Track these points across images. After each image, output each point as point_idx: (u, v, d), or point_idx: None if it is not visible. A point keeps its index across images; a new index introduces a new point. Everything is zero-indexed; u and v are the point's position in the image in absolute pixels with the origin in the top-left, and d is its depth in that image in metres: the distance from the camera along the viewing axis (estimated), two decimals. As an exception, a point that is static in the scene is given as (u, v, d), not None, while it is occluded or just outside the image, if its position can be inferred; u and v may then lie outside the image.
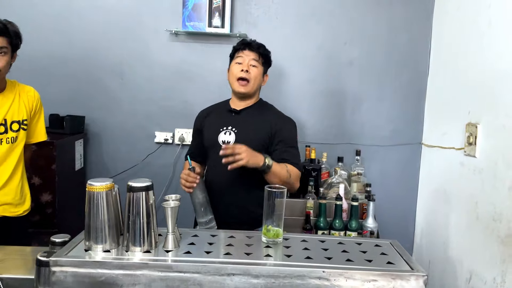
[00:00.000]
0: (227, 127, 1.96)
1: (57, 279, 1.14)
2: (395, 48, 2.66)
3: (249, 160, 1.69)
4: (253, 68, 1.95)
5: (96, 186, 1.20)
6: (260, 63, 1.98)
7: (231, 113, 2.01)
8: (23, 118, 2.03)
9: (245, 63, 1.94)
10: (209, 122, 2.05)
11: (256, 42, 2.01)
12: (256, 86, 1.99)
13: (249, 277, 1.14)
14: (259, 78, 1.99)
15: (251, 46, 1.97)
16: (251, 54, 1.96)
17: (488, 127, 1.96)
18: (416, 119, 2.70)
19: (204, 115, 2.10)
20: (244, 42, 2.00)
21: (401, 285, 1.14)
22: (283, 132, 1.94)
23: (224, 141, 1.93)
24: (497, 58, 1.90)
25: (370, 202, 2.27)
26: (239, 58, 1.97)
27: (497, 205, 1.84)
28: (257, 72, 1.97)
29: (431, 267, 2.46)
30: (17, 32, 1.94)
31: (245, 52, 1.96)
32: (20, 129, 2.02)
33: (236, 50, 2.01)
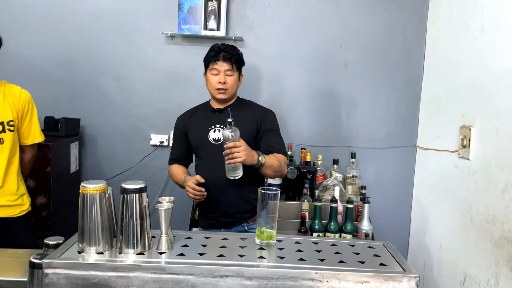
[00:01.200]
0: (215, 125, 2.02)
1: (50, 281, 1.13)
2: (390, 51, 2.67)
3: (246, 158, 1.78)
4: (229, 78, 2.01)
5: (89, 188, 1.20)
6: (234, 70, 2.03)
7: (215, 113, 2.07)
8: (9, 119, 1.98)
9: (221, 74, 2.00)
10: (195, 123, 2.09)
11: (228, 50, 2.02)
12: (235, 90, 2.07)
13: (242, 279, 1.14)
14: (236, 84, 2.06)
15: (224, 56, 2.00)
16: (225, 64, 2.00)
17: (481, 130, 1.97)
18: (411, 122, 2.71)
19: (187, 117, 2.13)
20: (216, 53, 2.01)
21: (393, 286, 1.14)
22: (266, 122, 2.04)
23: (215, 138, 2.00)
24: (490, 61, 1.92)
25: (365, 204, 2.27)
26: (214, 69, 2.01)
27: (491, 207, 1.85)
28: (233, 79, 2.03)
29: (426, 269, 2.46)
30: None
31: (218, 63, 2.00)
32: (6, 130, 1.98)
33: (210, 61, 2.03)
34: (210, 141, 2.01)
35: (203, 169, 2.01)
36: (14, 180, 2.04)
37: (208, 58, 2.05)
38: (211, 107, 2.10)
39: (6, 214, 2.01)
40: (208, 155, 2.02)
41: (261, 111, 2.10)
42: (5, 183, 2.00)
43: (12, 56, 2.57)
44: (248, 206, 1.99)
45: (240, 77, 2.11)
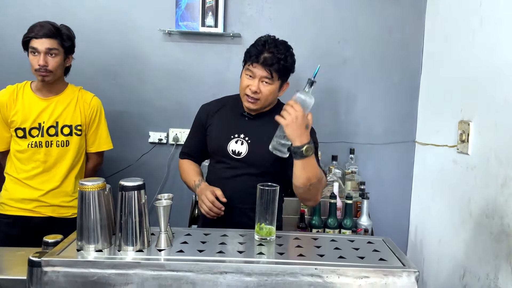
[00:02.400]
0: (239, 135, 1.72)
1: (49, 279, 1.13)
2: (388, 47, 2.67)
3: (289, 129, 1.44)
4: (265, 86, 1.64)
5: (88, 185, 1.19)
6: (275, 79, 1.65)
7: (244, 118, 1.75)
8: (77, 123, 2.09)
9: (255, 81, 1.64)
10: (218, 122, 1.78)
11: (273, 53, 1.62)
12: (269, 103, 1.71)
13: (241, 275, 1.14)
14: (272, 95, 1.68)
15: (264, 60, 1.61)
16: (262, 71, 1.62)
17: (480, 125, 1.97)
18: (410, 117, 2.71)
19: (212, 111, 1.81)
20: (257, 53, 1.63)
21: (393, 281, 1.14)
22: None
23: (234, 151, 1.70)
24: (489, 55, 1.91)
25: (364, 200, 2.28)
26: (249, 70, 1.65)
27: (490, 202, 1.85)
28: (270, 90, 1.65)
29: (425, 264, 2.47)
30: (70, 35, 2.04)
31: (256, 67, 1.63)
32: (73, 134, 2.08)
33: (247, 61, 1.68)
34: (229, 152, 1.70)
35: (212, 177, 1.77)
36: (72, 182, 2.12)
37: (247, 55, 1.67)
38: (242, 109, 1.74)
39: (59, 214, 2.09)
40: (223, 168, 1.72)
41: None
42: (62, 184, 2.09)
43: (10, 55, 2.56)
44: None
45: (284, 85, 1.73)
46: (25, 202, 2.05)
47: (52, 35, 1.96)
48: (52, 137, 2.04)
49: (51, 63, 1.96)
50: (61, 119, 2.05)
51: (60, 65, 2.01)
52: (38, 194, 2.04)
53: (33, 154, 2.03)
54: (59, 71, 2.02)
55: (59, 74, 2.03)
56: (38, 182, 2.05)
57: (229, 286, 1.14)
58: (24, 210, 2.05)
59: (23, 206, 2.05)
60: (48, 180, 2.05)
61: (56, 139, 2.05)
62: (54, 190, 2.06)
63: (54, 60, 1.97)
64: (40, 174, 2.05)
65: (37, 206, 2.05)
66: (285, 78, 1.72)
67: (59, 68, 2.01)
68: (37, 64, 1.94)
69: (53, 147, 2.04)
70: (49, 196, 2.05)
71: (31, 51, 1.96)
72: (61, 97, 2.08)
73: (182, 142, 2.67)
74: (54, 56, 1.97)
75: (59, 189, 2.07)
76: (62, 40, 1.99)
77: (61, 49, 1.99)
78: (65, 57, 2.03)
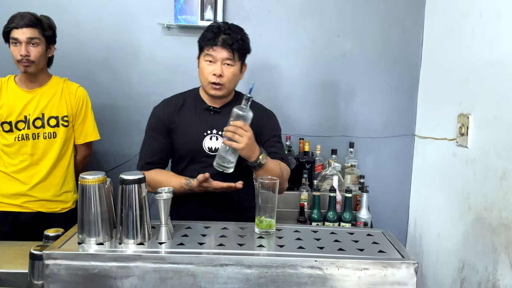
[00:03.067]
0: (211, 131, 1.67)
1: (51, 272, 1.14)
2: (388, 40, 2.66)
3: (246, 148, 1.47)
4: (227, 68, 1.62)
5: (88, 179, 1.20)
6: (236, 60, 1.63)
7: (210, 112, 1.70)
8: (63, 114, 2.08)
9: (217, 64, 1.60)
10: (183, 121, 1.69)
11: (230, 33, 1.61)
12: (233, 85, 1.68)
13: (242, 267, 1.15)
14: (235, 77, 1.66)
15: (223, 41, 1.59)
16: (223, 52, 1.60)
17: (479, 118, 1.97)
18: (409, 111, 2.71)
19: (172, 111, 1.71)
20: (214, 35, 1.60)
21: (392, 273, 1.15)
22: (269, 127, 1.73)
23: (211, 147, 1.66)
24: (489, 49, 1.91)
25: (364, 193, 2.28)
26: (208, 56, 1.61)
27: (489, 195, 1.85)
28: (233, 71, 1.63)
29: (424, 257, 2.48)
30: (50, 24, 2.04)
31: (216, 49, 1.60)
32: (60, 125, 2.07)
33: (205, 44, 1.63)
34: (205, 150, 1.65)
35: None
36: (60, 175, 2.11)
37: (203, 40, 1.64)
38: (205, 103, 1.71)
39: (47, 209, 2.09)
40: (200, 168, 1.63)
41: (262, 113, 1.73)
42: (49, 177, 2.07)
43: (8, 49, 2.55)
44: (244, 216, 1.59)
45: (243, 67, 1.71)
46: (13, 198, 2.04)
47: (33, 24, 1.95)
48: (38, 129, 2.04)
49: (33, 53, 1.96)
50: (47, 111, 2.05)
51: (42, 55, 2.00)
52: (26, 188, 2.03)
53: (20, 147, 2.03)
54: (42, 61, 2.01)
55: (41, 65, 2.02)
56: (25, 175, 2.04)
57: (229, 278, 1.15)
58: (12, 205, 2.04)
59: (12, 202, 2.04)
60: (35, 174, 2.05)
61: (43, 131, 2.04)
62: (41, 183, 2.05)
63: (36, 50, 1.97)
64: (27, 168, 2.04)
65: (25, 202, 2.04)
66: (244, 59, 1.70)
67: (41, 58, 2.00)
68: (19, 55, 1.94)
69: (40, 139, 2.04)
70: (37, 189, 2.05)
71: (12, 42, 1.96)
72: (46, 88, 2.07)
73: (181, 136, 2.68)
74: (35, 45, 1.97)
75: (47, 182, 2.06)
76: (43, 30, 1.99)
77: (42, 38, 1.99)
78: (47, 47, 2.03)
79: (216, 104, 1.71)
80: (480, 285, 1.88)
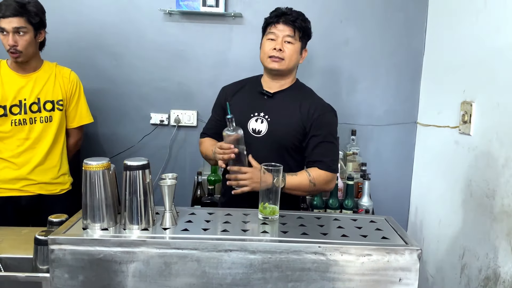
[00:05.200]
0: (259, 113, 1.73)
1: (56, 257, 1.15)
2: (391, 27, 2.64)
3: (254, 187, 1.57)
4: (288, 45, 1.70)
5: (92, 165, 1.20)
6: (297, 38, 1.71)
7: (263, 96, 1.77)
8: (58, 98, 2.10)
9: (279, 40, 1.69)
10: (237, 102, 1.79)
11: (293, 12, 1.72)
12: (293, 65, 1.74)
13: (246, 253, 1.15)
14: (295, 56, 1.73)
15: (286, 18, 1.69)
16: (285, 29, 1.69)
17: (482, 105, 1.96)
18: (412, 98, 2.70)
19: (231, 92, 1.84)
20: (278, 14, 1.72)
21: (396, 259, 1.16)
22: (321, 124, 1.71)
23: (255, 129, 1.72)
24: (492, 35, 1.90)
25: (366, 181, 2.29)
26: (271, 34, 1.71)
27: (491, 182, 1.86)
28: (293, 50, 1.71)
29: (425, 244, 2.49)
30: (37, 11, 1.99)
31: (278, 27, 1.70)
32: (55, 109, 2.09)
33: (268, 24, 1.75)
34: (249, 130, 1.72)
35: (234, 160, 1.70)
36: (56, 158, 2.13)
37: (266, 21, 1.75)
38: (261, 87, 1.79)
39: (47, 192, 2.11)
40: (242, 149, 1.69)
41: (319, 107, 1.74)
42: (46, 160, 2.09)
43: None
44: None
45: (303, 52, 1.78)
46: (12, 182, 2.05)
47: (18, 13, 1.92)
48: (35, 113, 2.04)
49: (21, 42, 1.94)
50: (42, 95, 2.05)
51: (30, 43, 1.98)
52: (24, 172, 2.05)
53: (16, 132, 2.03)
54: (31, 49, 1.99)
55: (31, 52, 2.01)
56: (23, 159, 2.05)
57: (233, 263, 1.16)
58: (12, 190, 2.06)
59: (11, 186, 2.05)
60: (32, 157, 2.06)
61: (40, 115, 2.05)
62: (39, 166, 2.07)
63: (23, 39, 1.95)
64: (24, 152, 2.05)
65: (25, 185, 2.06)
66: (305, 42, 1.78)
67: (30, 46, 1.98)
68: (7, 44, 1.94)
69: (37, 124, 2.05)
70: (35, 173, 2.06)
71: (0, 30, 1.95)
72: (40, 73, 2.07)
73: (183, 123, 2.68)
74: (23, 34, 1.94)
75: (44, 165, 2.08)
76: (30, 17, 1.95)
77: (29, 26, 1.96)
78: (35, 33, 2.00)
79: (272, 89, 1.78)
80: (481, 271, 1.89)
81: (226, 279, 1.16)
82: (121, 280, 1.16)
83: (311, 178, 1.66)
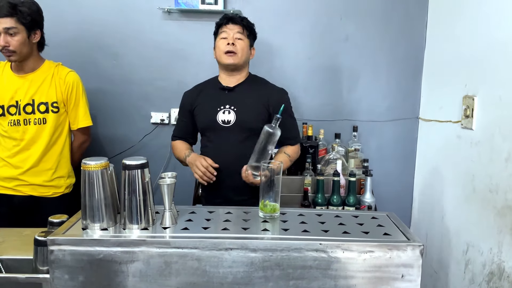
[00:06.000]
0: (225, 106, 1.93)
1: (56, 258, 1.14)
2: (391, 22, 2.62)
3: None
4: (238, 41, 1.94)
5: (91, 165, 1.19)
6: (245, 36, 1.97)
7: (224, 91, 1.98)
8: (53, 100, 2.06)
9: (230, 36, 1.93)
10: (201, 101, 2.00)
11: (239, 15, 2.01)
12: (244, 58, 1.98)
13: (246, 251, 1.15)
14: (246, 50, 1.97)
15: (234, 19, 1.96)
16: (235, 27, 1.95)
17: (484, 99, 1.95)
18: (413, 94, 2.68)
19: (193, 94, 2.04)
20: (227, 17, 1.98)
21: (398, 255, 1.14)
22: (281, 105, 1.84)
23: (224, 120, 1.92)
24: (494, 29, 1.88)
25: (368, 177, 2.27)
26: (223, 33, 1.95)
27: (494, 177, 1.84)
28: (244, 45, 1.96)
29: (428, 240, 2.48)
30: (29, 11, 1.97)
31: (228, 27, 1.95)
32: (49, 111, 2.06)
33: (220, 26, 1.99)
34: (219, 122, 1.92)
35: (210, 152, 1.93)
36: (52, 161, 2.10)
37: (217, 24, 2.00)
38: (220, 84, 2.00)
39: (39, 194, 2.10)
40: (216, 137, 1.94)
41: (275, 91, 2.01)
42: (40, 162, 2.07)
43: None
44: (253, 192, 1.82)
45: (252, 49, 2.04)
46: (6, 181, 2.07)
47: (9, 14, 1.91)
48: (29, 115, 2.03)
49: (12, 43, 1.94)
50: (37, 97, 2.04)
51: (23, 43, 1.96)
52: (17, 172, 2.05)
53: (12, 132, 2.04)
54: (24, 49, 1.98)
55: (25, 52, 1.99)
56: (17, 160, 2.06)
57: (234, 262, 1.15)
58: (6, 188, 2.07)
59: (5, 185, 2.07)
60: (27, 159, 2.05)
61: (34, 117, 2.04)
62: (33, 168, 2.06)
63: (15, 39, 1.94)
64: (19, 153, 2.05)
65: (17, 185, 2.07)
66: (252, 40, 2.03)
67: (22, 46, 1.97)
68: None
69: (31, 125, 2.04)
70: (28, 174, 2.06)
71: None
72: (37, 74, 2.06)
73: (184, 122, 2.67)
74: (14, 35, 1.94)
75: (39, 168, 2.07)
76: (21, 18, 1.94)
77: (20, 26, 1.94)
78: (28, 33, 1.98)
79: (230, 83, 1.99)
80: (485, 266, 1.88)
81: (227, 278, 1.15)
82: (121, 280, 1.15)
83: (290, 158, 1.97)
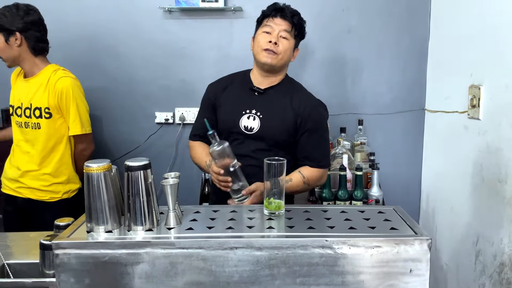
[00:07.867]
0: (251, 111, 1.73)
1: (61, 262, 1.14)
2: (394, 13, 2.59)
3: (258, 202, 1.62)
4: (283, 40, 1.69)
5: (93, 167, 1.18)
6: (292, 35, 1.71)
7: (254, 92, 1.76)
8: (45, 106, 2.04)
9: (275, 33, 1.67)
10: (227, 99, 1.79)
11: (290, 9, 1.73)
12: (285, 61, 1.73)
13: (252, 250, 1.14)
14: (289, 52, 1.72)
15: (284, 13, 1.69)
16: (282, 23, 1.68)
17: (491, 88, 1.92)
18: (418, 85, 2.65)
19: (220, 89, 1.82)
20: (276, 7, 1.72)
21: (405, 250, 1.13)
22: (312, 120, 1.72)
23: (247, 126, 1.72)
24: (499, 17, 1.85)
25: (375, 171, 2.26)
26: (267, 27, 1.69)
27: (502, 167, 1.81)
28: (288, 46, 1.70)
29: (438, 233, 2.46)
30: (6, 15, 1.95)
31: (275, 21, 1.69)
32: (43, 116, 2.04)
33: (265, 16, 1.73)
34: (241, 128, 1.72)
35: None
36: (51, 167, 2.08)
37: (264, 13, 1.74)
38: (251, 83, 1.77)
39: (37, 197, 2.11)
40: (234, 145, 1.70)
41: (309, 102, 1.75)
42: (42, 168, 2.08)
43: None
44: None
45: (296, 51, 1.78)
46: (11, 182, 2.12)
47: None
48: (28, 118, 2.05)
49: None
50: (34, 101, 2.04)
51: (2, 49, 1.97)
52: (17, 174, 2.08)
53: (17, 133, 2.10)
54: (7, 53, 1.99)
55: (11, 56, 2.00)
56: (18, 162, 2.09)
57: (240, 261, 1.14)
58: (10, 189, 2.13)
59: (10, 185, 2.13)
60: (27, 162, 2.07)
61: (31, 121, 2.05)
62: (32, 172, 2.07)
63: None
64: (20, 155, 2.09)
65: (19, 187, 2.10)
66: (298, 40, 1.77)
67: (2, 51, 1.98)
68: None
69: (29, 129, 2.06)
70: (27, 178, 2.08)
71: None
72: (36, 78, 2.07)
73: (188, 121, 2.66)
74: None
75: (38, 172, 2.07)
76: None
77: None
78: (6, 38, 1.96)
79: (262, 85, 1.76)
80: (496, 257, 1.85)
81: (233, 277, 1.15)
82: (127, 282, 1.15)
83: (305, 179, 1.71)
